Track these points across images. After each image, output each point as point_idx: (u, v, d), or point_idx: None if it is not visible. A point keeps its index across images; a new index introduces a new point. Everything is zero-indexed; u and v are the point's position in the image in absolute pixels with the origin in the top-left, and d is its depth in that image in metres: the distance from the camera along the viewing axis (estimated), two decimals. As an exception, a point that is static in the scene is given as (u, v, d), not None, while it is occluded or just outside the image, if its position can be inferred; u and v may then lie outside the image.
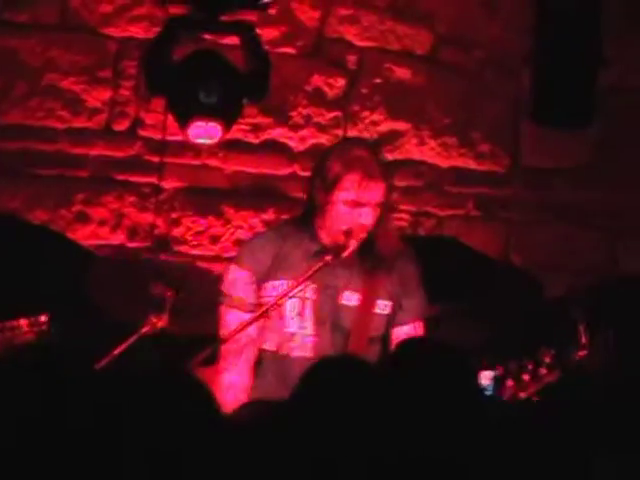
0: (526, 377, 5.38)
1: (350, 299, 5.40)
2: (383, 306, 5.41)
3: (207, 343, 5.49)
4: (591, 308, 7.05)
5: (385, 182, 5.46)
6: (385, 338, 5.46)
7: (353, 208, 5.33)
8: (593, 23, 8.04)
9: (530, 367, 5.38)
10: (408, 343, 4.52)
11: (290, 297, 5.28)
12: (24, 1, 7.39)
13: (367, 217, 5.32)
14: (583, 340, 5.69)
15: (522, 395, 5.37)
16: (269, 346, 5.40)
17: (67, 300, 6.76)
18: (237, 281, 5.49)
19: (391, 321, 5.45)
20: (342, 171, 5.38)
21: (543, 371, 5.38)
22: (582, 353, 5.53)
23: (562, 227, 8.37)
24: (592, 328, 5.89)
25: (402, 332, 5.33)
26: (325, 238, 5.37)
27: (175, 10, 7.60)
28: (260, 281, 5.42)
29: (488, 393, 5.34)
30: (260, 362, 5.29)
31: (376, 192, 5.39)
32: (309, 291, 5.37)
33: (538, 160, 8.46)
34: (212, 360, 5.53)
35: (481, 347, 6.34)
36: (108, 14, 7.93)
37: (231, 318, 5.42)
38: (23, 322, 5.57)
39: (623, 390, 5.96)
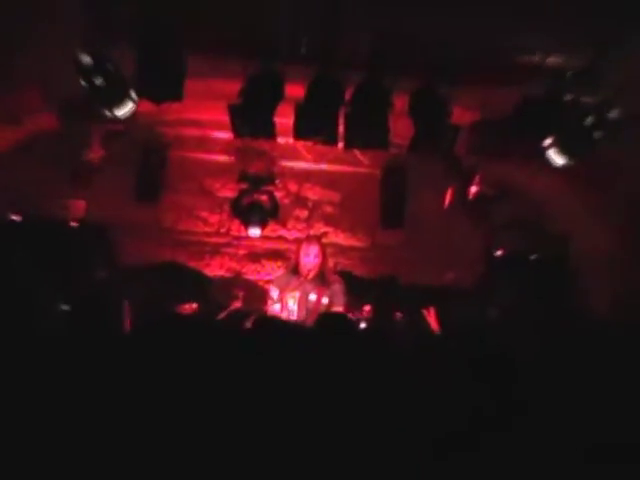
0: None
1: (312, 297, 9.42)
2: (325, 300, 9.43)
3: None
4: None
5: (319, 245, 9.58)
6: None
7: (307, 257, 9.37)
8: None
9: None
10: (326, 314, 8.06)
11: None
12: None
13: (315, 260, 9.44)
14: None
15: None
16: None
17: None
18: (271, 291, 9.61)
19: (329, 307, 9.32)
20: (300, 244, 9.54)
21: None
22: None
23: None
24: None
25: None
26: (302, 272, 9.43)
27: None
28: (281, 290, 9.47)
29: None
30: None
31: (314, 250, 9.46)
32: (296, 294, 9.43)
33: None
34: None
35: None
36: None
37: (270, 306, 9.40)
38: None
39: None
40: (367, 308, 9.84)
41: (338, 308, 9.55)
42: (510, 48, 8.39)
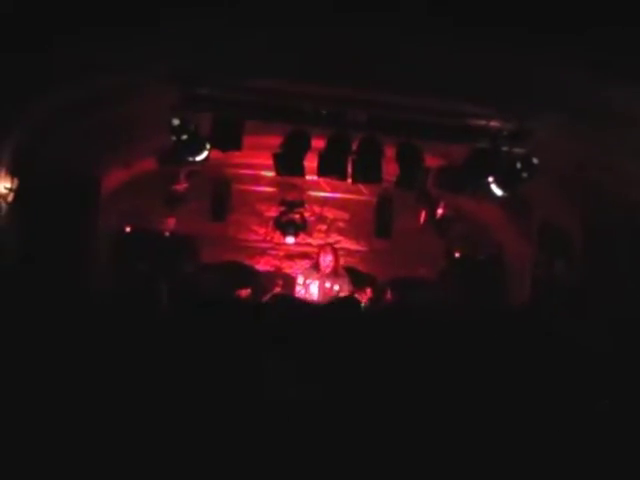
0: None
1: (327, 285, 9.66)
2: (337, 287, 9.62)
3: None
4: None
5: (333, 250, 9.97)
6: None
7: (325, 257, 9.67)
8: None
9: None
10: (339, 298, 8.59)
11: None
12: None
13: (330, 262, 9.83)
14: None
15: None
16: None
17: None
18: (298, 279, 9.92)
19: (339, 292, 9.45)
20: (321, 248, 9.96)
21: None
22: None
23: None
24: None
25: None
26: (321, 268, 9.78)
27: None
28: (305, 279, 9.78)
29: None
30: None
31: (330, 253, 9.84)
32: (317, 282, 9.72)
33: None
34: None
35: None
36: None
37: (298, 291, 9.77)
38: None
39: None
40: (368, 291, 9.70)
41: (344, 293, 9.54)
42: (465, 116, 8.38)
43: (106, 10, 5.53)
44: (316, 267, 9.84)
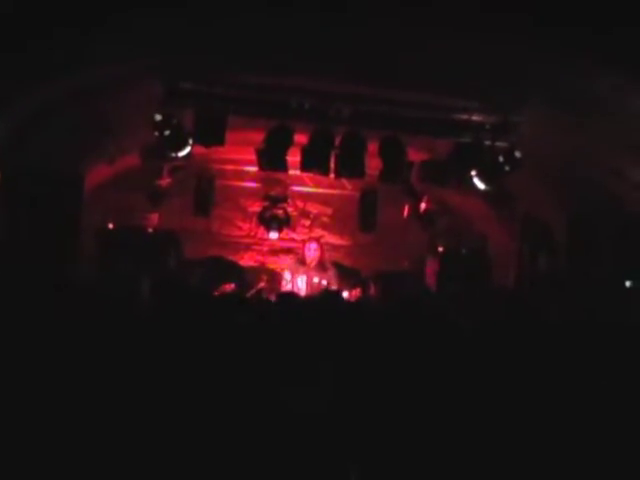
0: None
1: (315, 279, 9.52)
2: (324, 282, 9.48)
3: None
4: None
5: (318, 243, 9.88)
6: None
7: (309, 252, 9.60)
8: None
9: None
10: (327, 291, 8.51)
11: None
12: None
13: (315, 251, 9.72)
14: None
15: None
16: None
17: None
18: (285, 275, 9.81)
19: (327, 286, 9.33)
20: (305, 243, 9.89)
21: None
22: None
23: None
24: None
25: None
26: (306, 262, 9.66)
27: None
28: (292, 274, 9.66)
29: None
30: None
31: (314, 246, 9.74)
32: (304, 277, 9.54)
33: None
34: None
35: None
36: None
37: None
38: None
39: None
40: (357, 290, 9.76)
41: (333, 287, 9.48)
42: (447, 109, 8.40)
43: (89, 4, 5.53)
44: (302, 261, 9.80)
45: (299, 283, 9.59)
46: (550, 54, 6.18)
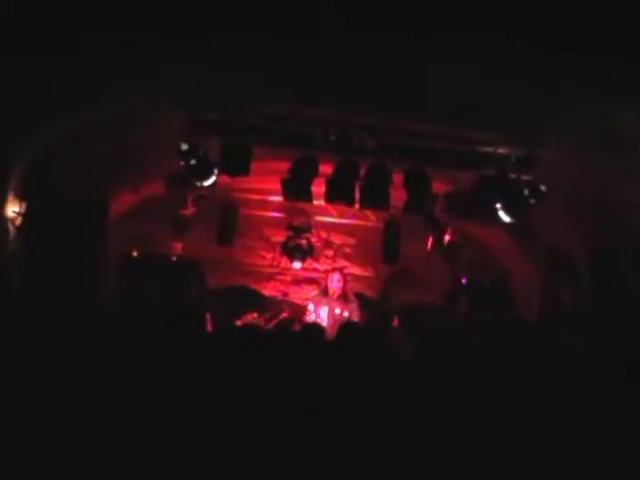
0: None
1: (337, 311, 9.37)
2: (346, 314, 9.29)
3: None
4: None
5: (341, 274, 9.84)
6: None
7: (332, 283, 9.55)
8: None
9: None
10: (347, 323, 7.39)
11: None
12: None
13: (338, 282, 9.60)
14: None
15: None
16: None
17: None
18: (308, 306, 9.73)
19: (349, 318, 9.09)
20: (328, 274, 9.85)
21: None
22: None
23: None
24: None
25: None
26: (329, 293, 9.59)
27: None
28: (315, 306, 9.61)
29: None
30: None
31: (337, 277, 9.66)
32: (326, 308, 9.44)
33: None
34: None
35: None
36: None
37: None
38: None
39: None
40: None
41: (355, 319, 9.34)
42: (472, 142, 8.37)
43: (118, 36, 5.55)
44: (324, 292, 9.71)
45: (321, 314, 9.49)
46: (576, 88, 6.15)
